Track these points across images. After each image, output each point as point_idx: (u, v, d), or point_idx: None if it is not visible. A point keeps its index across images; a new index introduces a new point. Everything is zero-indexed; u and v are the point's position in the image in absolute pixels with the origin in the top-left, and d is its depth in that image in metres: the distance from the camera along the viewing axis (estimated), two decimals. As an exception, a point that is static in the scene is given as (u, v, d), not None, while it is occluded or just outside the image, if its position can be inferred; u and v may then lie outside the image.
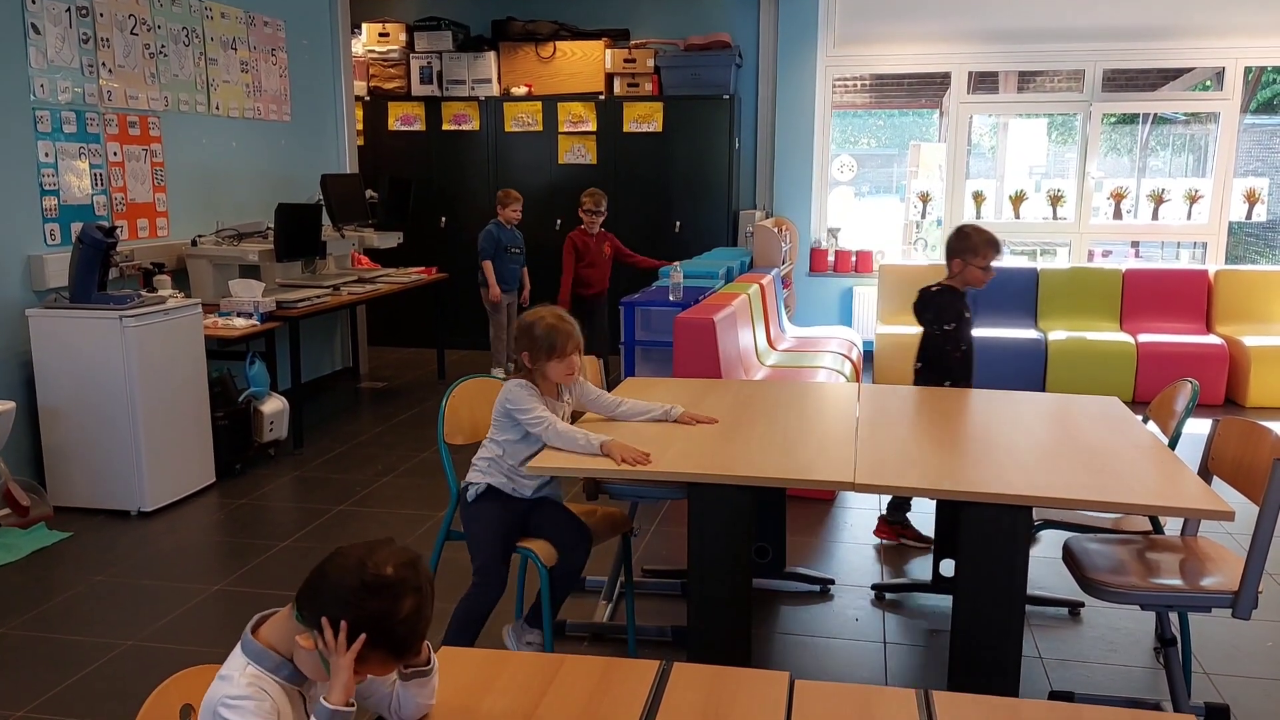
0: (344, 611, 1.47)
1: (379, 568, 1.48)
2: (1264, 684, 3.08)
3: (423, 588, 1.51)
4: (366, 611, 1.46)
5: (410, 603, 1.49)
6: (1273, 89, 8.15)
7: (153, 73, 5.35)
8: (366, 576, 1.47)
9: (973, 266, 3.83)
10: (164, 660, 3.17)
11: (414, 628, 1.50)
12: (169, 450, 4.58)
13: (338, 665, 1.47)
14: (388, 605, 1.47)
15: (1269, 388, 6.41)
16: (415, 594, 1.49)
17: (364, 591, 1.47)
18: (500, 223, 6.84)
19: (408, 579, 1.49)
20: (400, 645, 1.50)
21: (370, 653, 1.48)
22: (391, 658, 1.51)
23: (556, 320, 2.86)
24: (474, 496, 2.93)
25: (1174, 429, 3.07)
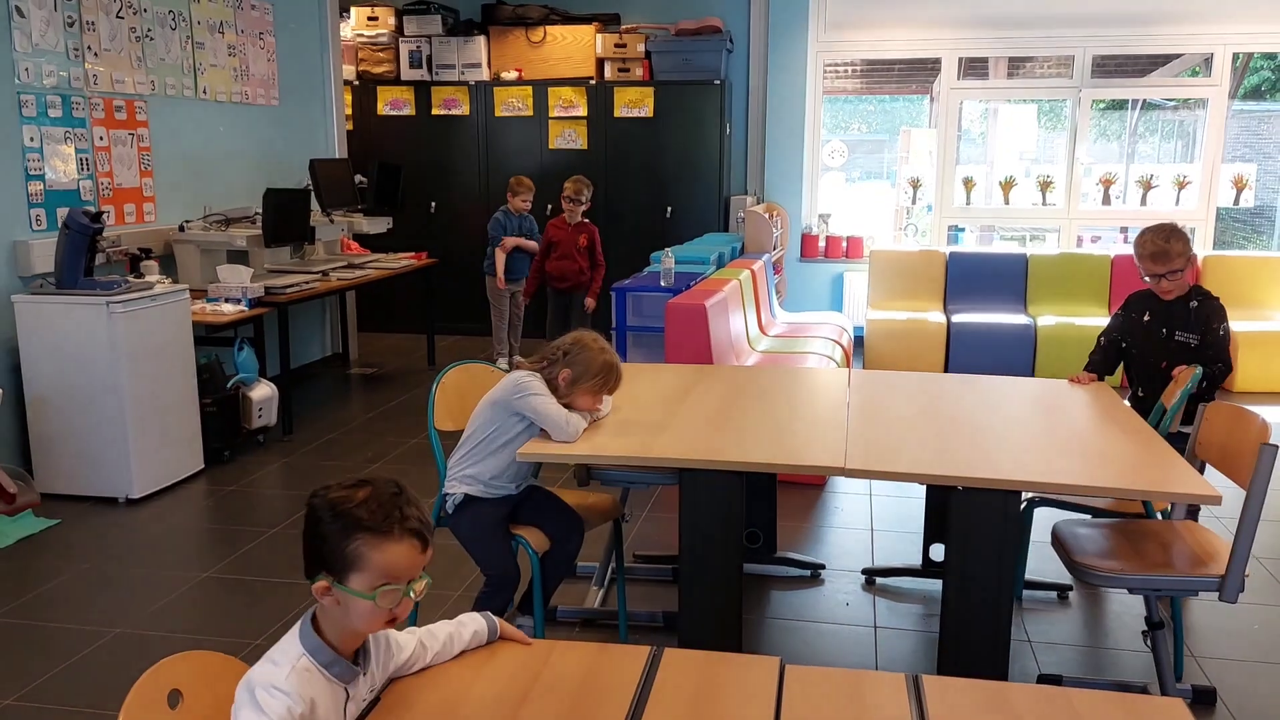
0: (316, 529, 1.50)
1: (324, 487, 1.54)
2: (1250, 666, 3.10)
3: (376, 481, 1.54)
4: (330, 512, 1.49)
5: (366, 490, 1.52)
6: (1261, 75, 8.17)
7: (139, 56, 5.30)
8: (316, 493, 1.53)
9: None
10: (152, 647, 3.17)
11: (377, 504, 1.50)
12: (157, 437, 4.56)
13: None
14: (341, 495, 1.51)
15: (1256, 373, 6.44)
16: (363, 485, 1.52)
17: (320, 501, 1.51)
18: (509, 211, 6.75)
19: (350, 482, 1.54)
20: (375, 522, 1.49)
21: (362, 546, 1.48)
22: (378, 538, 1.49)
23: (615, 357, 2.86)
24: (454, 507, 2.88)
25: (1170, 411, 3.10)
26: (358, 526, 1.48)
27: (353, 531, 1.48)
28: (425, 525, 1.55)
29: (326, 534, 1.49)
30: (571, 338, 2.88)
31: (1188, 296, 3.45)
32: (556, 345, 2.88)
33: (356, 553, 1.48)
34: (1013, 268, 7.35)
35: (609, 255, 7.90)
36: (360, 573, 1.49)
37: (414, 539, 1.52)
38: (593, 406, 2.85)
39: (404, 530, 1.51)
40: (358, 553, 1.48)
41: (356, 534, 1.48)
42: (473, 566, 2.99)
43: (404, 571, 1.52)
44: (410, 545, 1.52)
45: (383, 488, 1.53)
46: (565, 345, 2.86)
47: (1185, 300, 3.45)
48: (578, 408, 2.81)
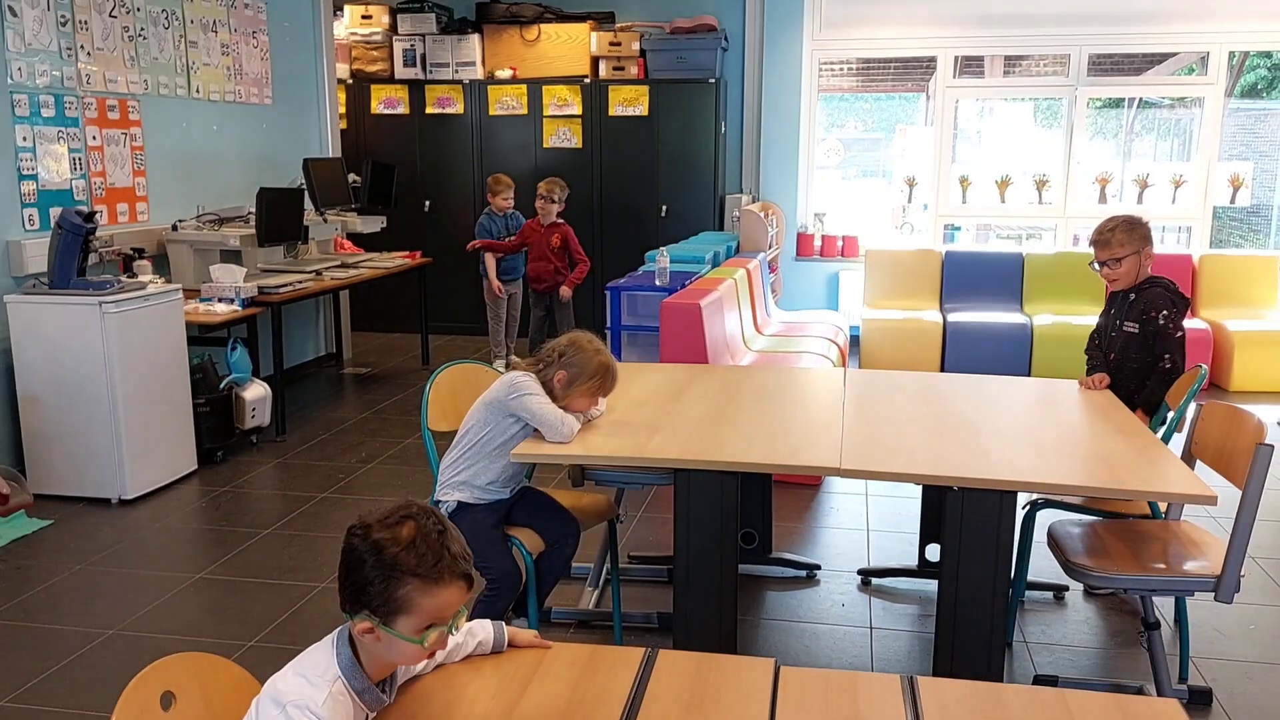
0: (359, 573, 1.46)
1: (363, 520, 1.50)
2: (1246, 666, 3.10)
3: (415, 515, 1.50)
4: (375, 557, 1.45)
5: (409, 528, 1.47)
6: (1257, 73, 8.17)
7: (132, 56, 5.28)
8: (356, 532, 1.49)
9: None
10: (146, 648, 3.15)
11: (425, 547, 1.47)
12: (150, 437, 4.54)
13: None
14: (384, 537, 1.46)
15: (1253, 372, 6.45)
16: (410, 519, 1.49)
17: (362, 543, 1.47)
18: (491, 213, 6.72)
19: (393, 513, 1.50)
20: (425, 568, 1.46)
21: (412, 592, 1.45)
22: (428, 584, 1.46)
23: (611, 359, 2.85)
24: (448, 515, 2.84)
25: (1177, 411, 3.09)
26: (408, 573, 1.45)
27: (403, 578, 1.45)
28: (469, 562, 1.53)
29: (372, 579, 1.45)
30: (567, 339, 2.87)
31: (1138, 287, 3.39)
32: (552, 347, 2.87)
33: (406, 599, 1.45)
34: (1009, 266, 7.35)
35: (605, 255, 7.91)
36: (408, 616, 1.46)
37: (462, 581, 1.50)
38: (588, 408, 2.84)
39: (453, 575, 1.49)
40: (407, 599, 1.45)
41: (407, 580, 1.45)
42: (467, 567, 2.97)
43: (451, 613, 1.50)
44: (459, 588, 1.50)
45: (426, 525, 1.49)
46: (561, 347, 2.84)
47: (1133, 289, 3.40)
48: (573, 409, 2.79)
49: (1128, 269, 3.35)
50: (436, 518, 1.52)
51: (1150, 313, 3.30)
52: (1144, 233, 3.36)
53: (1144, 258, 3.36)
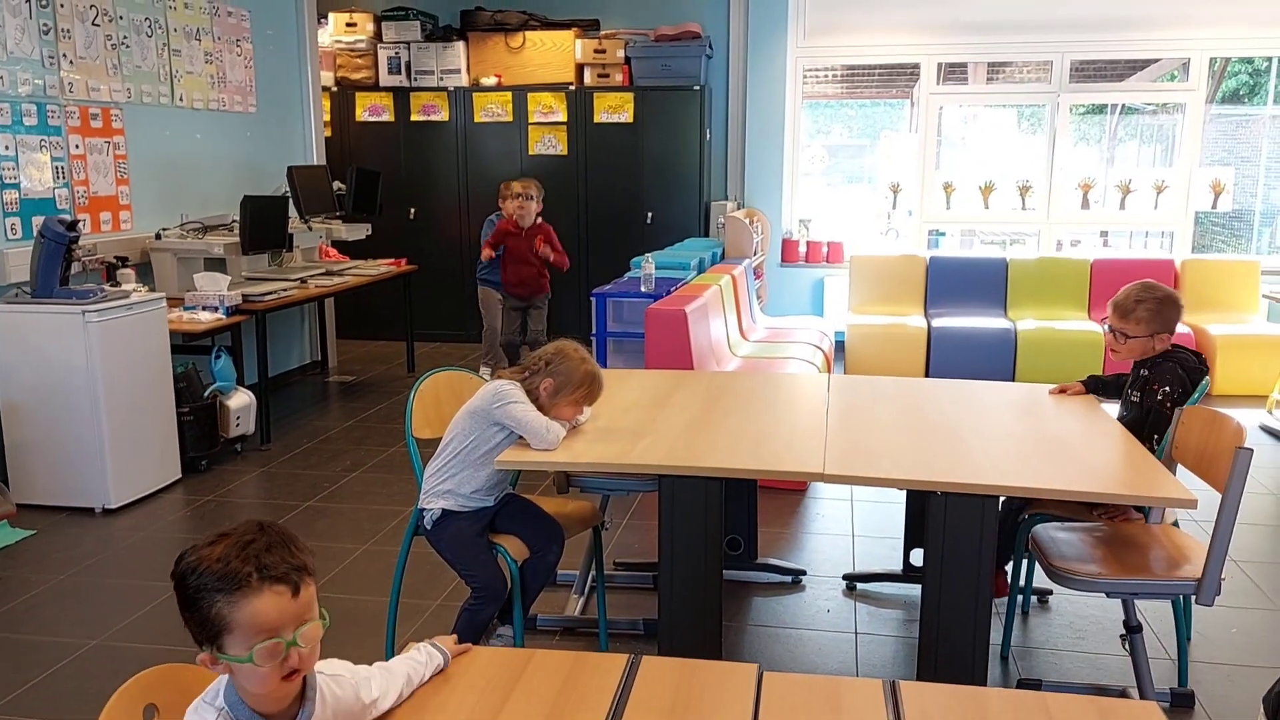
0: (185, 606, 1.38)
1: (184, 555, 1.41)
2: (1228, 669, 3.11)
3: (238, 530, 1.40)
4: (192, 580, 1.36)
5: (223, 544, 1.37)
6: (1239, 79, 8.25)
7: (115, 64, 5.26)
8: (176, 565, 1.40)
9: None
10: (129, 660, 3.13)
11: (234, 556, 1.36)
12: (133, 447, 4.52)
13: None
14: (194, 558, 1.37)
15: (1234, 376, 6.49)
16: (229, 536, 1.39)
17: (179, 570, 1.38)
18: (501, 216, 6.52)
19: (209, 539, 1.40)
20: (226, 581, 1.35)
21: (222, 608, 1.35)
22: (233, 596, 1.35)
23: (596, 367, 2.85)
24: (432, 523, 2.84)
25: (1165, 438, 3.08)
26: (212, 589, 1.35)
27: (209, 594, 1.35)
28: (295, 568, 1.39)
29: (190, 600, 1.36)
30: (553, 348, 2.87)
31: (1154, 359, 3.12)
32: (538, 355, 2.88)
33: (219, 616, 1.35)
34: (993, 272, 7.39)
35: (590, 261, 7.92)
36: (230, 635, 1.35)
37: (278, 585, 1.36)
38: (574, 416, 2.85)
39: (263, 579, 1.35)
40: (220, 616, 1.35)
41: (215, 596, 1.35)
42: (451, 575, 2.97)
43: (276, 623, 1.36)
44: (274, 593, 1.36)
45: (240, 536, 1.39)
46: (547, 355, 2.85)
47: (1149, 362, 3.14)
48: (559, 417, 2.79)
49: (1134, 347, 3.11)
50: (260, 526, 1.42)
51: (1154, 386, 3.03)
52: (1170, 317, 3.07)
53: (1158, 342, 3.08)
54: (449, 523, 2.83)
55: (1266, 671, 3.04)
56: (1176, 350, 3.12)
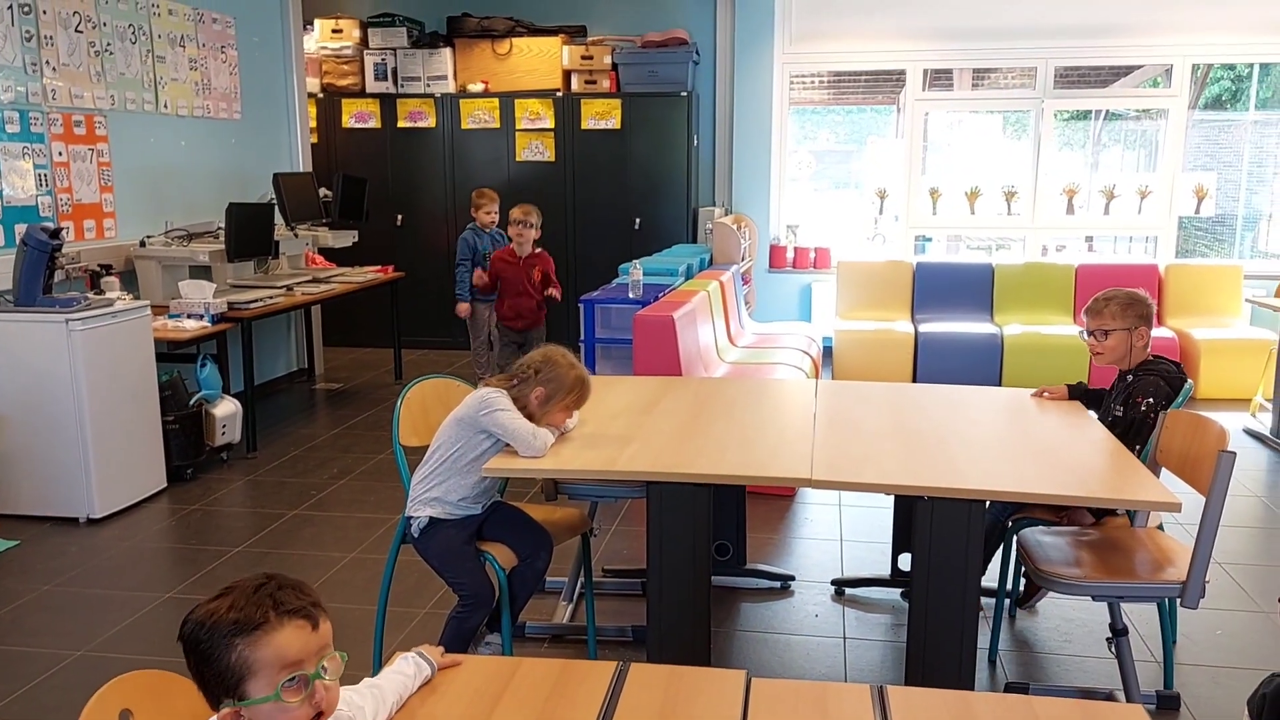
0: (202, 662, 1.36)
1: (192, 615, 1.40)
2: (1213, 671, 3.13)
3: (237, 584, 1.41)
4: (205, 634, 1.36)
5: (228, 599, 1.38)
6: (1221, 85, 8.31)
7: (98, 71, 5.24)
8: (184, 626, 1.39)
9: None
10: (114, 670, 3.08)
11: (246, 601, 1.37)
12: (118, 456, 4.49)
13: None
14: (204, 612, 1.37)
15: (1218, 380, 6.53)
16: (228, 592, 1.39)
17: (190, 628, 1.37)
18: (477, 228, 6.17)
19: (215, 595, 1.40)
20: (244, 621, 1.35)
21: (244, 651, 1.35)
22: (254, 635, 1.35)
23: (585, 371, 2.85)
24: (419, 531, 2.84)
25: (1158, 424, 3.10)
26: (233, 632, 1.35)
27: (230, 639, 1.34)
28: (310, 604, 1.40)
29: (206, 655, 1.35)
30: (541, 356, 2.87)
31: (1136, 369, 3.14)
32: (527, 364, 2.86)
33: (240, 660, 1.34)
34: (979, 277, 7.42)
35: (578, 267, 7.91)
36: (255, 678, 1.35)
37: (296, 619, 1.38)
38: (564, 421, 2.85)
39: (281, 614, 1.36)
40: (241, 660, 1.34)
41: (235, 640, 1.34)
42: (439, 584, 2.96)
43: (299, 655, 1.36)
44: (295, 626, 1.37)
45: (248, 584, 1.40)
46: (535, 364, 2.84)
47: (1132, 372, 3.15)
48: (550, 424, 2.79)
49: (1114, 345, 3.13)
50: (267, 576, 1.42)
51: (1137, 398, 3.03)
52: (1141, 311, 3.11)
53: (1135, 337, 3.11)
54: (436, 531, 2.82)
55: (1251, 673, 3.05)
56: (1158, 361, 3.14)
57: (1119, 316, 3.13)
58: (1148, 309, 3.14)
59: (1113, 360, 3.19)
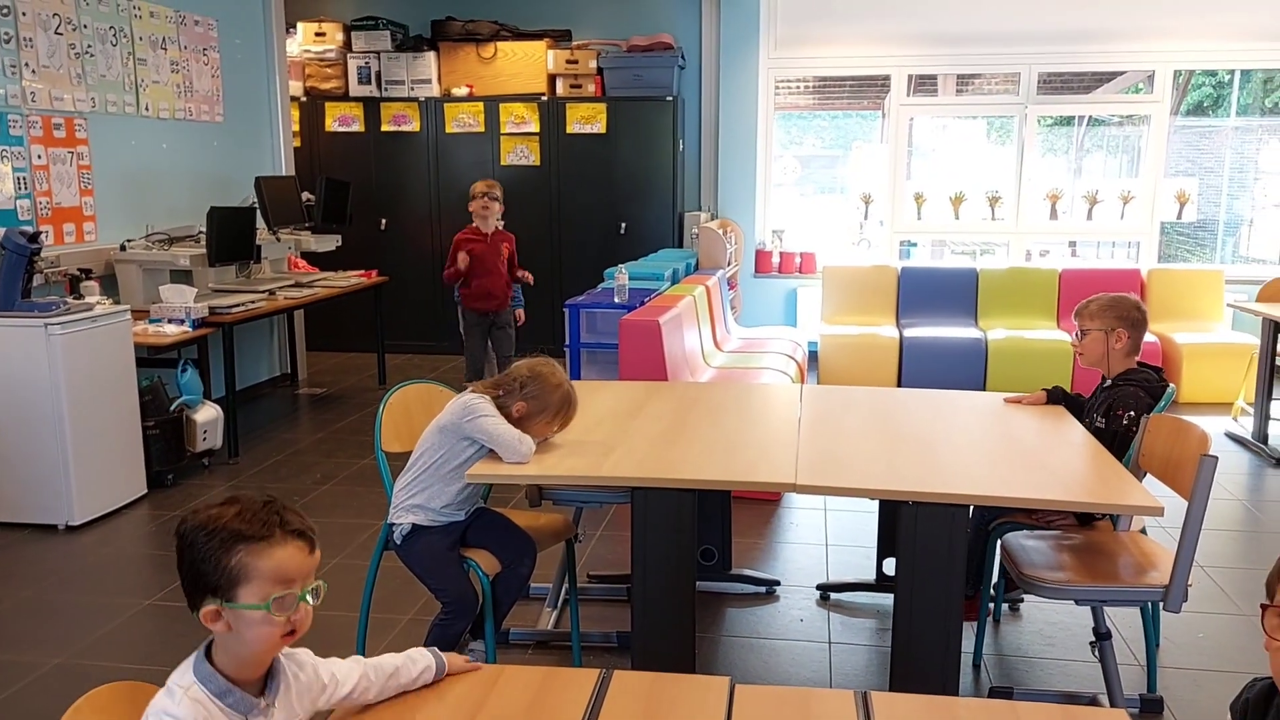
0: (191, 554, 1.44)
1: (191, 511, 1.48)
2: (1196, 675, 3.14)
3: (240, 497, 1.48)
4: (204, 534, 1.43)
5: (234, 507, 1.45)
6: (1202, 91, 8.37)
7: (79, 73, 5.20)
8: (184, 521, 1.47)
9: None
10: (93, 678, 3.06)
11: (251, 514, 1.45)
12: (98, 462, 4.45)
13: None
14: (211, 513, 1.45)
15: (1200, 384, 6.57)
16: (233, 502, 1.47)
17: (190, 526, 1.45)
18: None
19: (218, 501, 1.48)
20: (254, 529, 1.43)
21: (245, 557, 1.42)
22: (258, 545, 1.43)
23: (572, 389, 2.81)
24: (401, 537, 2.81)
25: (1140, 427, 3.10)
26: (237, 538, 1.42)
27: (232, 544, 1.42)
28: (308, 527, 1.50)
29: (204, 555, 1.43)
30: (529, 369, 2.82)
31: (1117, 379, 3.13)
32: (514, 376, 2.82)
33: (240, 565, 1.42)
34: (963, 282, 7.44)
35: (563, 272, 7.89)
36: (248, 584, 1.43)
37: (299, 539, 1.47)
38: (545, 435, 2.82)
39: (286, 532, 1.46)
40: (242, 564, 1.42)
41: (237, 546, 1.42)
42: (423, 590, 2.94)
43: (295, 575, 1.46)
44: (296, 546, 1.46)
45: (253, 498, 1.48)
46: (523, 377, 2.80)
47: (1114, 381, 3.14)
48: (531, 431, 2.77)
49: (1090, 345, 3.14)
50: (268, 496, 1.50)
51: (1118, 410, 3.02)
52: (1120, 313, 3.11)
53: (1113, 339, 3.10)
54: (419, 537, 2.80)
55: (1234, 677, 3.06)
56: (1140, 369, 3.14)
57: (1095, 317, 3.16)
58: (1130, 312, 3.14)
59: (1092, 361, 3.19)
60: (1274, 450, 5.44)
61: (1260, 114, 8.06)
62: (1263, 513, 4.64)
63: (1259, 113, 8.07)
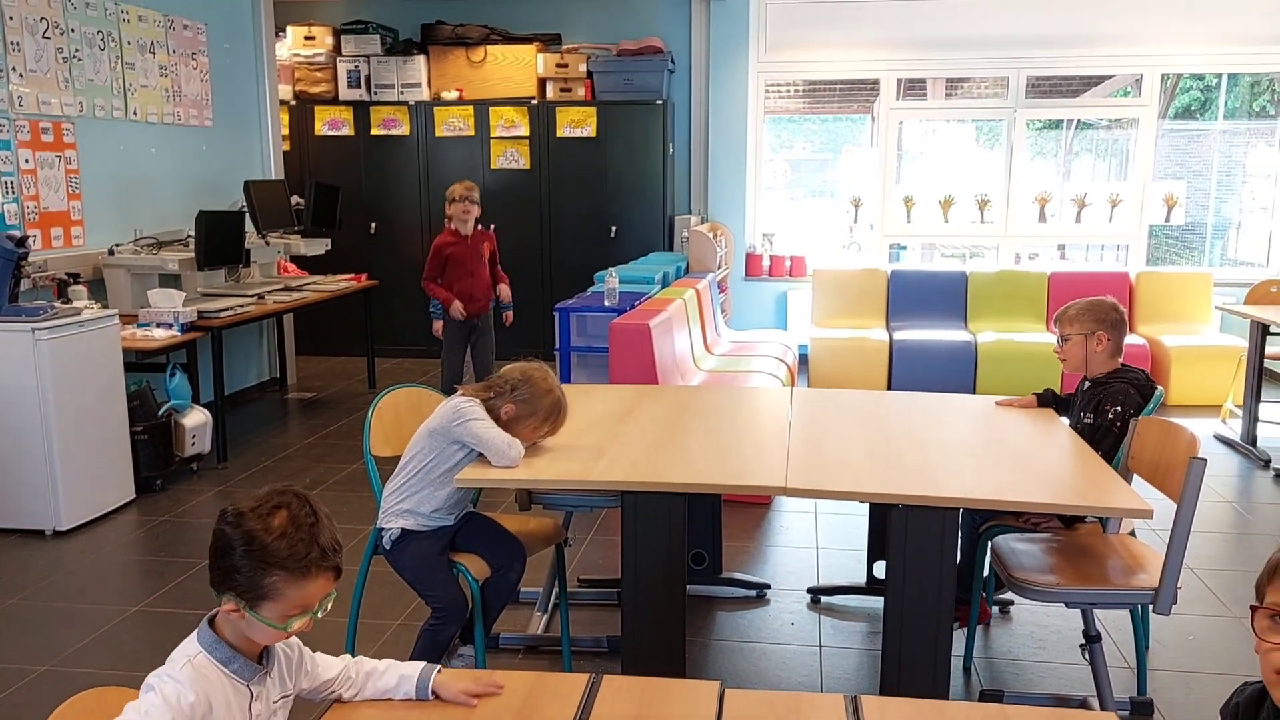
0: (228, 559, 1.48)
1: (236, 507, 1.51)
2: (1186, 677, 3.14)
3: (289, 503, 1.51)
4: (245, 545, 1.48)
5: (281, 517, 1.49)
6: (1190, 95, 8.40)
7: (66, 77, 5.18)
8: (228, 518, 1.51)
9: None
10: (80, 685, 3.02)
11: (296, 539, 1.49)
12: (85, 467, 4.42)
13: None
14: (255, 527, 1.48)
15: (1188, 386, 6.59)
16: (284, 508, 1.50)
17: (233, 530, 1.49)
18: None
19: (266, 500, 1.51)
20: (294, 562, 1.48)
21: (279, 582, 1.48)
22: (295, 577, 1.49)
23: (562, 395, 2.79)
24: (391, 542, 2.78)
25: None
26: (276, 565, 1.49)
27: (271, 568, 1.48)
28: (339, 553, 1.56)
29: (240, 565, 1.48)
30: (520, 372, 2.80)
31: (1104, 378, 3.14)
32: (505, 378, 2.81)
33: (273, 588, 1.49)
34: (953, 285, 7.46)
35: (553, 275, 7.89)
36: (274, 603, 1.50)
37: (330, 574, 1.54)
38: (534, 439, 2.80)
39: (321, 569, 1.52)
40: (274, 588, 1.49)
41: (274, 571, 1.48)
42: (412, 596, 2.93)
43: (317, 599, 1.54)
44: (326, 579, 1.54)
45: (299, 515, 1.51)
46: (514, 380, 2.78)
47: (1101, 380, 3.15)
48: (519, 435, 2.76)
49: (1071, 350, 3.17)
50: (310, 505, 1.53)
51: (1106, 405, 3.03)
52: (1098, 316, 3.13)
53: (1093, 342, 3.12)
54: (409, 542, 2.78)
55: (1224, 679, 3.07)
56: (1127, 369, 3.15)
57: (1074, 322, 3.18)
58: (1108, 314, 3.15)
59: (1074, 366, 3.21)
60: (1262, 452, 5.46)
61: (1247, 117, 8.10)
62: (1252, 515, 4.66)
63: (1246, 116, 8.11)
